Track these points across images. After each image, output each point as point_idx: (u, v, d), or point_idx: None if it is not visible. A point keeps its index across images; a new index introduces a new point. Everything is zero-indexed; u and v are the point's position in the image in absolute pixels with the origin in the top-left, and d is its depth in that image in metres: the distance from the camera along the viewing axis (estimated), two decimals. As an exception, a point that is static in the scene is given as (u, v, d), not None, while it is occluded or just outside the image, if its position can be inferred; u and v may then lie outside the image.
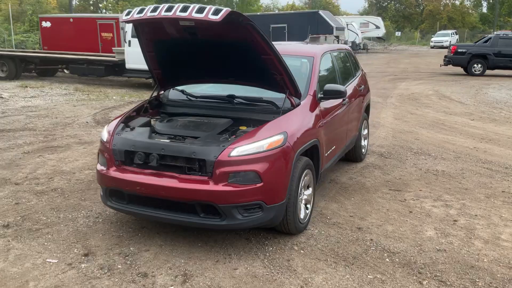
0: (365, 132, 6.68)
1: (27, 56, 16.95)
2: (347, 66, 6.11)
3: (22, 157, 6.61)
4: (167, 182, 3.66)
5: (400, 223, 4.50)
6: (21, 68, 16.65)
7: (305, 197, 4.31)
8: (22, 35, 25.35)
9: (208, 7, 3.52)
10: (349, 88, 5.67)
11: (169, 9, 3.59)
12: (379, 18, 46.45)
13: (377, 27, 44.50)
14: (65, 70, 17.57)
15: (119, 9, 42.05)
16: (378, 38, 47.75)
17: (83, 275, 3.48)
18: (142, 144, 3.83)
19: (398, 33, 61.85)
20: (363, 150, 6.61)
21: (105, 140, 4.02)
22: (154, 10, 3.65)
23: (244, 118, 4.30)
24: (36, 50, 20.64)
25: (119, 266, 3.62)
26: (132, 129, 4.10)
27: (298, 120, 4.15)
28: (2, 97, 12.43)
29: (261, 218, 3.70)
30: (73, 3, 43.48)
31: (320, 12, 33.06)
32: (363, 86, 6.26)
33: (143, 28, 4.14)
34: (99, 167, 4.04)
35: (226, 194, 3.54)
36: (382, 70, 22.97)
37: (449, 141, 7.96)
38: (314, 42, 6.20)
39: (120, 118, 4.30)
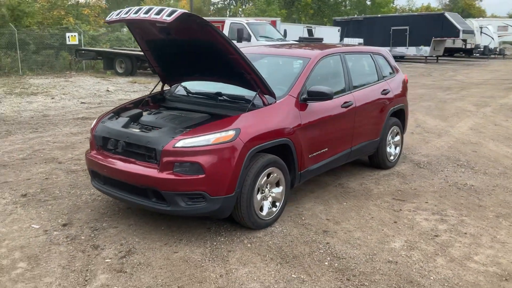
0: (396, 138, 6.42)
1: (141, 55, 18.75)
2: (365, 69, 5.96)
3: (82, 141, 7.57)
4: (126, 167, 4.07)
5: (372, 232, 4.37)
6: (137, 66, 18.51)
7: (273, 194, 4.41)
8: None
9: (166, 9, 3.84)
10: (362, 92, 5.55)
11: (136, 12, 3.98)
12: (522, 21, 42.07)
13: (518, 30, 40.41)
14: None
15: (246, 13, 44.05)
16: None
17: (48, 241, 4.04)
18: (114, 132, 4.29)
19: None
20: (391, 157, 6.35)
21: (91, 127, 4.57)
22: (127, 12, 4.07)
23: (221, 114, 4.53)
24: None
25: (82, 237, 4.13)
26: (117, 118, 4.59)
27: (262, 119, 4.26)
28: (108, 91, 14.05)
29: (204, 208, 3.93)
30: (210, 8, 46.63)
31: (446, 14, 31.14)
32: (389, 90, 6.03)
33: (134, 29, 4.60)
34: (88, 151, 4.60)
35: (169, 182, 3.84)
36: (504, 78, 20.96)
37: (510, 156, 7.22)
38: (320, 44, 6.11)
39: (113, 108, 4.82)
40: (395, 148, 6.47)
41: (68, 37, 19.84)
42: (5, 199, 4.99)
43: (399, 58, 31.05)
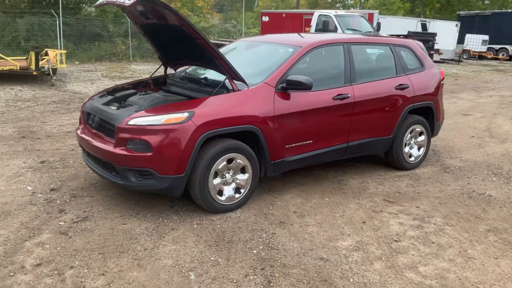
0: (419, 138, 5.96)
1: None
2: (378, 62, 5.62)
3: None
4: (96, 141, 4.41)
5: (330, 229, 4.20)
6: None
7: (237, 181, 4.45)
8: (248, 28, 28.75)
9: (133, -7, 4.07)
10: (366, 85, 5.26)
11: (110, -5, 4.28)
12: None
13: None
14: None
15: (366, 6, 42.85)
16: None
17: (28, 201, 4.56)
18: (94, 108, 4.66)
19: None
20: (412, 159, 5.92)
21: (83, 103, 5.01)
22: (107, -4, 4.39)
23: (195, 97, 4.65)
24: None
25: (58, 202, 4.58)
26: (106, 96, 4.96)
27: (226, 104, 4.31)
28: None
29: (153, 185, 4.12)
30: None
31: None
32: (407, 85, 5.62)
33: (127, 14, 4.92)
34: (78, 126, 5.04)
35: (120, 157, 4.09)
36: None
37: None
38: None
39: (109, 87, 5.21)
40: (419, 149, 6.01)
41: (176, 27, 21.12)
42: (25, 163, 5.68)
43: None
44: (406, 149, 5.86)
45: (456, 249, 3.90)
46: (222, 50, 5.76)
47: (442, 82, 6.19)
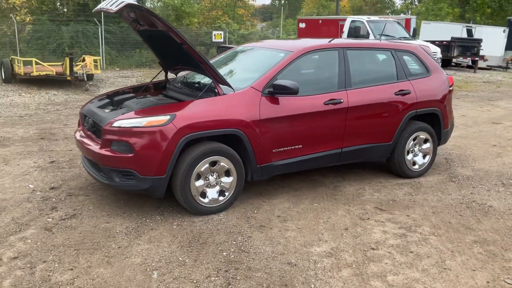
0: (424, 146, 5.79)
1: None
2: (376, 67, 5.51)
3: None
4: (86, 142, 4.59)
5: (309, 234, 4.17)
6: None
7: (221, 183, 4.50)
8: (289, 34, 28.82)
9: (120, 0, 4.23)
10: (362, 90, 5.18)
11: (105, 3, 4.45)
12: None
13: None
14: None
15: (414, 12, 41.90)
16: None
17: (26, 199, 4.79)
18: (89, 111, 4.85)
19: None
20: (416, 166, 5.77)
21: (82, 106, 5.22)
22: (103, 3, 4.57)
23: (183, 100, 4.74)
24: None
25: (53, 199, 4.79)
26: (104, 100, 5.14)
27: (209, 107, 4.38)
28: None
29: (135, 185, 4.24)
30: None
31: None
32: (409, 91, 5.48)
33: (125, 20, 5.10)
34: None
35: (105, 157, 4.24)
36: None
37: None
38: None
39: (110, 91, 5.40)
40: (424, 156, 5.84)
41: (214, 35, 21.52)
42: (35, 163, 5.97)
43: None
44: (409, 157, 5.71)
45: (433, 259, 3.77)
46: (223, 55, 5.85)
47: (450, 88, 6.00)
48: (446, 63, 24.38)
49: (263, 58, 5.26)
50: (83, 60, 13.53)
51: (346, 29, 15.14)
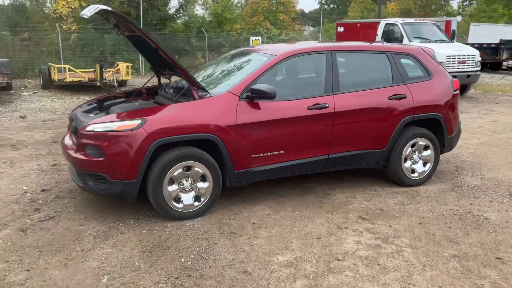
0: (424, 153, 5.51)
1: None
2: (369, 71, 5.29)
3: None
4: (67, 146, 4.69)
5: (278, 242, 4.05)
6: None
7: (196, 189, 4.48)
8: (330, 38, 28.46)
9: (95, 6, 4.31)
10: (351, 95, 5.00)
11: (86, 9, 4.54)
12: None
13: None
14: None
15: (467, 14, 40.28)
16: None
17: (15, 200, 4.95)
18: (74, 115, 4.96)
19: None
20: (415, 174, 5.49)
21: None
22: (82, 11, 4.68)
23: (162, 104, 4.75)
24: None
25: (40, 201, 4.93)
26: (93, 104, 5.25)
27: (183, 112, 4.36)
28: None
29: (107, 189, 4.28)
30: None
31: None
32: (405, 95, 5.23)
33: (111, 26, 5.18)
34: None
35: (80, 161, 4.32)
36: None
37: None
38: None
39: (100, 96, 5.51)
40: (424, 164, 5.56)
41: (251, 40, 21.60)
42: (38, 165, 6.18)
43: None
44: (407, 164, 5.44)
45: (400, 273, 3.56)
46: (213, 60, 5.84)
47: (455, 93, 5.67)
48: (494, 66, 23.26)
49: (248, 62, 5.18)
50: (117, 66, 13.95)
51: (379, 32, 14.72)
